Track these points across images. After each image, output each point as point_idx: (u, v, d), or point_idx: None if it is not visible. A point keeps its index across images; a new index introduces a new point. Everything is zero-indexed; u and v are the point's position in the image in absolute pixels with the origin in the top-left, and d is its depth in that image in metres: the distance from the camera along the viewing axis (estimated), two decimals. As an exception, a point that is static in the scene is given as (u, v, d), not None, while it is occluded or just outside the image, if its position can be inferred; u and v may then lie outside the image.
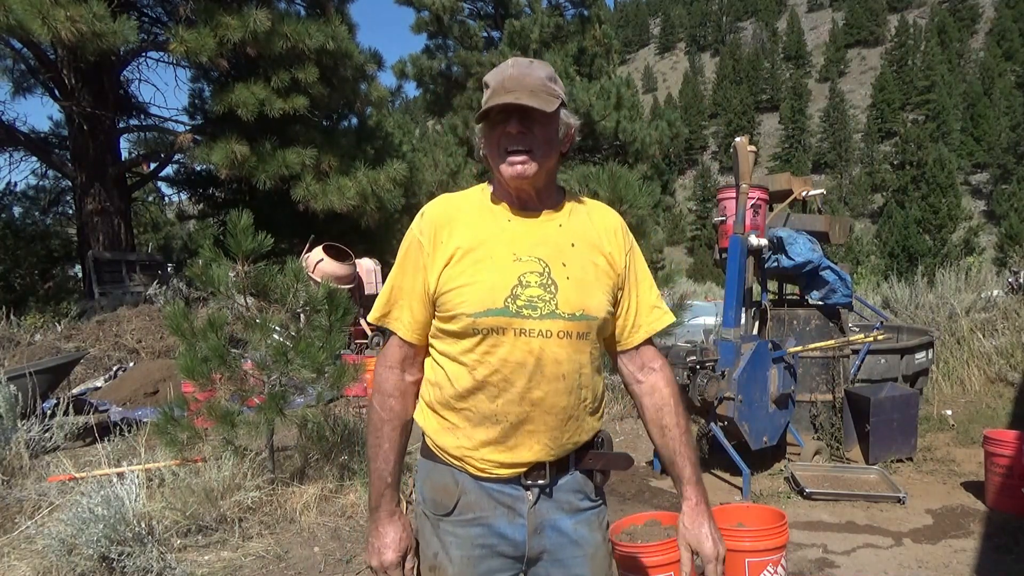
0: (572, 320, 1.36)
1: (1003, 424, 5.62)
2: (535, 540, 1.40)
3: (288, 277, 4.13)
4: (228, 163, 10.38)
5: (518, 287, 1.34)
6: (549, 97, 1.34)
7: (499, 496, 1.39)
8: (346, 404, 6.20)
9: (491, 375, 1.35)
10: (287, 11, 11.31)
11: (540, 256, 1.37)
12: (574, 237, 1.42)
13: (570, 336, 1.36)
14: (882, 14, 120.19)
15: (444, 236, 1.40)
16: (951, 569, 3.28)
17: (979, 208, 74.57)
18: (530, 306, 1.34)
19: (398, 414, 1.45)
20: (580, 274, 1.39)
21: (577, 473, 1.45)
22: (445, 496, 1.42)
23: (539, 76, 1.35)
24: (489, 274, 1.35)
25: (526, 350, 1.34)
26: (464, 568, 1.41)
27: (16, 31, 8.59)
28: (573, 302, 1.36)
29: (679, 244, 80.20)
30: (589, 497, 1.46)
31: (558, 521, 1.42)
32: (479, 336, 1.34)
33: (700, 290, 20.39)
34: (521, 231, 1.40)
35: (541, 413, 1.36)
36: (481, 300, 1.33)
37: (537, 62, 1.40)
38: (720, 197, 5.10)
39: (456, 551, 1.42)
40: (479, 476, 1.39)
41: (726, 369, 4.31)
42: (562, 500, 1.43)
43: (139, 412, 6.20)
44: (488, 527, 1.40)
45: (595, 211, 1.50)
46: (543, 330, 1.34)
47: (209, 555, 3.40)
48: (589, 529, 1.45)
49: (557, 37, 17.43)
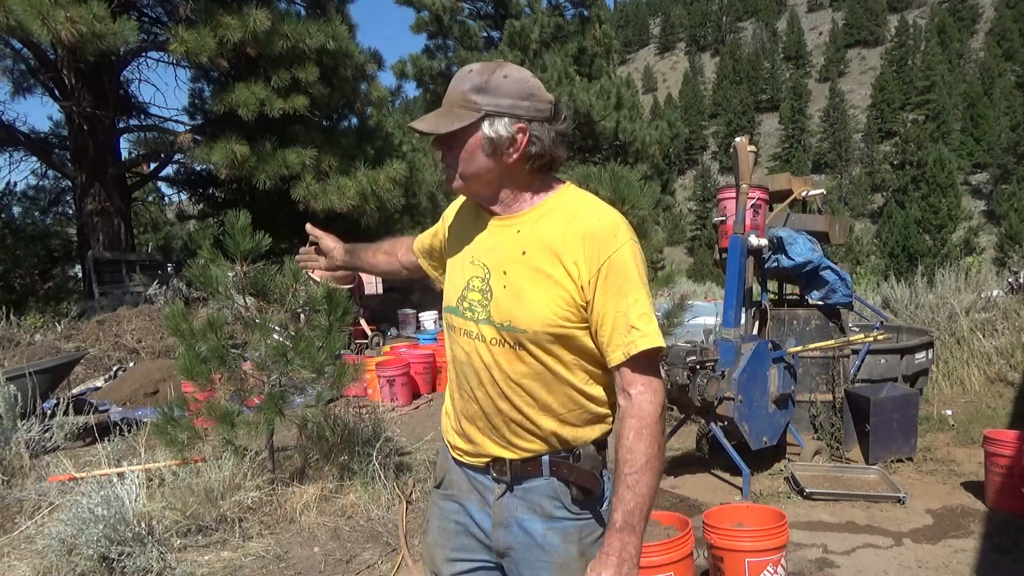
0: (502, 329, 1.35)
1: (1003, 424, 5.62)
2: (501, 532, 1.43)
3: (287, 277, 4.12)
4: (228, 163, 10.38)
5: (466, 289, 1.42)
6: (461, 111, 1.31)
7: (473, 481, 1.47)
8: (346, 404, 6.20)
9: (454, 365, 1.48)
10: (287, 11, 11.31)
11: (486, 262, 1.40)
12: (529, 244, 1.35)
13: (502, 344, 1.36)
14: (882, 14, 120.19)
15: (445, 227, 1.60)
16: (951, 569, 3.28)
17: (979, 208, 74.58)
18: (471, 309, 1.40)
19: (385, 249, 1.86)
20: (519, 284, 1.34)
21: (554, 480, 1.40)
22: (439, 471, 1.57)
23: (461, 90, 1.33)
24: (454, 273, 1.47)
25: (468, 350, 1.41)
26: (438, 537, 1.52)
27: (16, 31, 8.59)
28: (503, 311, 1.35)
29: (679, 244, 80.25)
30: (567, 507, 1.40)
31: (527, 522, 1.41)
32: (449, 328, 1.48)
33: (700, 290, 20.36)
34: (482, 236, 1.44)
35: (483, 412, 1.41)
36: (447, 295, 1.48)
37: (478, 68, 1.35)
38: (720, 197, 5.10)
39: (436, 520, 1.53)
40: (458, 460, 1.50)
41: (726, 369, 4.30)
42: (533, 502, 1.41)
43: (139, 412, 6.20)
44: (463, 507, 1.49)
45: (580, 214, 1.36)
46: (479, 334, 1.39)
47: (209, 555, 3.40)
48: (562, 540, 1.39)
49: (557, 37, 17.44)
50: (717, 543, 2.75)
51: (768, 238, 4.97)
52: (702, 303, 10.99)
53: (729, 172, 5.46)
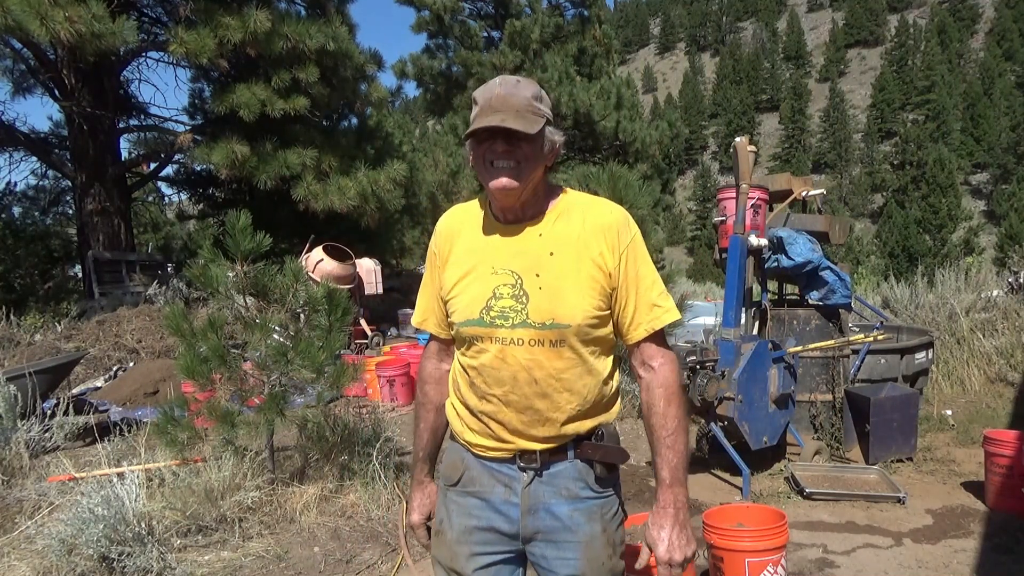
0: (543, 329, 1.42)
1: (1003, 424, 5.62)
2: (529, 519, 1.48)
3: (287, 277, 4.12)
4: (228, 163, 10.38)
5: (492, 299, 1.45)
6: (535, 117, 1.40)
7: (497, 474, 1.51)
8: (346, 404, 6.20)
9: (477, 377, 1.49)
10: (287, 11, 11.29)
11: (514, 268, 1.45)
12: (554, 245, 1.46)
13: (542, 344, 1.43)
14: (882, 14, 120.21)
15: (447, 249, 1.55)
16: (951, 569, 3.28)
17: (979, 208, 74.56)
18: (502, 316, 1.44)
19: (431, 399, 1.68)
20: (555, 282, 1.43)
21: (578, 462, 1.50)
22: (453, 471, 1.57)
23: (525, 96, 1.41)
24: (471, 288, 1.48)
25: (500, 357, 1.45)
26: (461, 535, 1.53)
27: (15, 31, 8.58)
28: (544, 311, 1.42)
29: (679, 244, 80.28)
30: (591, 487, 1.50)
31: (554, 506, 1.48)
32: (467, 342, 1.50)
33: (700, 290, 20.37)
34: (501, 245, 1.49)
35: (517, 414, 1.46)
36: (463, 311, 1.48)
37: (524, 81, 1.44)
38: (720, 197, 5.10)
39: (456, 518, 1.54)
40: (479, 456, 1.53)
41: (726, 369, 4.31)
42: (560, 486, 1.48)
43: (139, 412, 6.20)
44: (486, 501, 1.51)
45: (592, 210, 1.50)
46: (515, 339, 1.43)
47: (209, 555, 3.40)
48: (587, 519, 1.49)
49: (557, 37, 17.43)
50: (717, 543, 2.75)
51: (768, 238, 4.97)
52: (702, 303, 10.99)
53: (729, 172, 5.46)
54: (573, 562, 1.48)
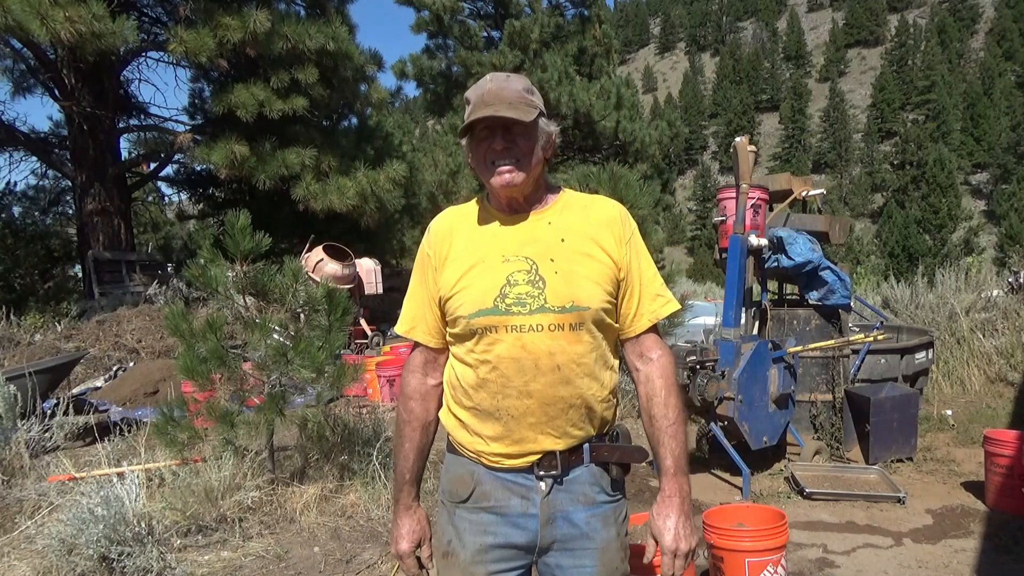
0: (562, 312, 1.41)
1: (1003, 424, 5.62)
2: (547, 530, 1.45)
3: (287, 277, 4.12)
4: (228, 163, 10.39)
5: (506, 286, 1.42)
6: (528, 108, 1.41)
7: (512, 486, 1.45)
8: (346, 404, 6.20)
9: (490, 372, 1.42)
10: (287, 11, 11.31)
11: (527, 255, 1.44)
12: (564, 232, 1.47)
13: (562, 328, 1.41)
14: (882, 14, 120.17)
15: (446, 247, 1.51)
16: (951, 569, 3.28)
17: (979, 208, 74.53)
18: (519, 303, 1.40)
19: (418, 416, 1.57)
20: (569, 267, 1.43)
21: (593, 466, 1.48)
22: (461, 487, 1.50)
23: (516, 89, 1.43)
24: (481, 278, 1.44)
25: (519, 345, 1.40)
26: (476, 554, 1.47)
27: (15, 31, 8.60)
28: (562, 294, 1.41)
29: (679, 244, 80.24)
30: (606, 491, 1.49)
31: (572, 513, 1.45)
32: (476, 336, 1.43)
33: (700, 290, 20.38)
34: (510, 234, 1.48)
35: (541, 405, 1.42)
36: (473, 302, 1.42)
37: (514, 76, 1.47)
38: (720, 197, 5.09)
39: (469, 536, 1.48)
40: (493, 467, 1.46)
41: (726, 369, 4.30)
42: (577, 492, 1.46)
43: (139, 412, 6.20)
44: (503, 516, 1.46)
45: (594, 204, 1.53)
46: (534, 324, 1.40)
47: (209, 555, 3.40)
48: (603, 524, 1.47)
49: (557, 37, 17.44)
50: (717, 543, 2.75)
51: (768, 238, 4.97)
52: (702, 303, 10.98)
53: (729, 172, 5.46)
54: (590, 569, 1.46)
